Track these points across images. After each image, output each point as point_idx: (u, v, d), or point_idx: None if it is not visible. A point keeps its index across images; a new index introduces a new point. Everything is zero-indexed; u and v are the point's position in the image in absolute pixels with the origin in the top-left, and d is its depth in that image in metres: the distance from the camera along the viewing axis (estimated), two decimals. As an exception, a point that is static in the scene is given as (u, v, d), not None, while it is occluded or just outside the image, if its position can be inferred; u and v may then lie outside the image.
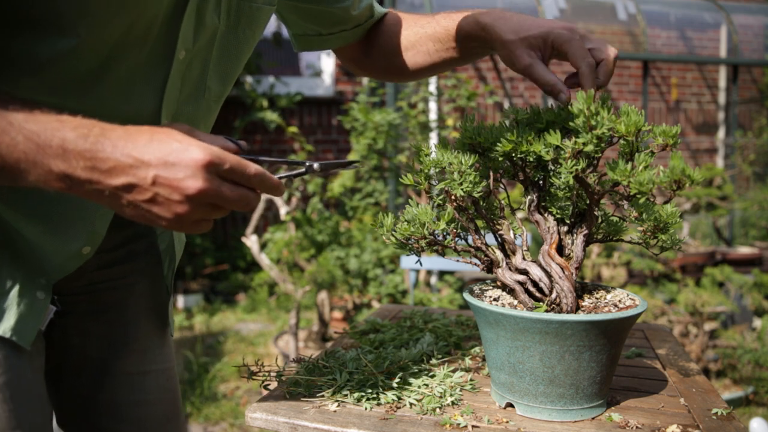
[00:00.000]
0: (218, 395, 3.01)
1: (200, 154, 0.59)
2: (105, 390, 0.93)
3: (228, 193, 0.61)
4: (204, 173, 0.59)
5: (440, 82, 4.08)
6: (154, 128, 0.62)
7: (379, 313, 1.33)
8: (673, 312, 3.11)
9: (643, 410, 0.81)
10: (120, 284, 0.93)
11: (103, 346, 0.93)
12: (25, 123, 0.57)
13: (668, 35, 6.14)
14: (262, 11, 0.86)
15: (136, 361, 0.95)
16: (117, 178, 0.59)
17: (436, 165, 0.82)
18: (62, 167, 0.58)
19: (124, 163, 0.58)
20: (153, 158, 0.58)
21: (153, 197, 0.60)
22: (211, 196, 0.60)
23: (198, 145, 0.60)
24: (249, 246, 3.55)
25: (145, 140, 0.59)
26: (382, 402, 0.82)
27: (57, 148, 0.57)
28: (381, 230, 0.86)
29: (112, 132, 0.59)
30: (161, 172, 0.58)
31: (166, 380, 0.99)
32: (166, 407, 0.99)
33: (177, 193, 0.59)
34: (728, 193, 4.25)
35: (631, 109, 0.73)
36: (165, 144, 0.59)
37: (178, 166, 0.59)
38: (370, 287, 3.63)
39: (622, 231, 0.85)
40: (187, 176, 0.59)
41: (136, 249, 0.94)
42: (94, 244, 0.81)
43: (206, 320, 4.38)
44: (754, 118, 6.35)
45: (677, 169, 0.71)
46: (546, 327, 0.73)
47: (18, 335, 0.73)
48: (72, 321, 0.90)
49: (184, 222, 0.62)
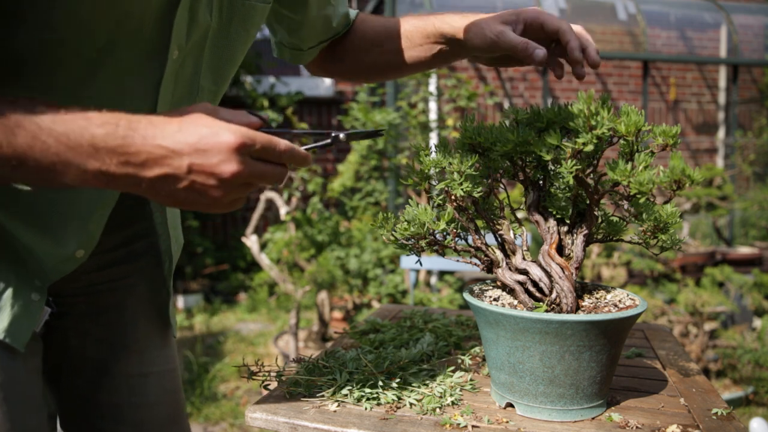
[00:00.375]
0: (218, 395, 3.01)
1: (231, 137, 0.60)
2: (104, 391, 0.92)
3: (260, 171, 0.63)
4: (237, 156, 0.60)
5: (440, 82, 4.08)
6: (180, 114, 0.62)
7: (379, 313, 1.33)
8: (673, 312, 3.11)
9: (643, 410, 0.81)
10: (119, 285, 0.93)
11: (102, 347, 0.92)
12: (53, 125, 0.57)
13: (668, 35, 6.14)
14: (257, 9, 0.85)
15: (136, 363, 0.94)
16: (152, 170, 0.59)
17: (436, 165, 0.82)
18: (96, 165, 0.58)
19: (157, 154, 0.59)
20: (185, 146, 0.59)
21: (190, 185, 0.61)
22: (245, 177, 0.61)
23: (228, 128, 0.60)
24: (249, 246, 3.55)
25: (173, 129, 0.60)
26: (382, 402, 0.82)
27: (88, 147, 0.58)
28: (381, 230, 0.86)
29: (139, 123, 0.59)
30: (195, 160, 0.59)
31: (168, 382, 0.98)
32: (168, 409, 0.98)
33: (213, 178, 0.60)
34: (728, 193, 4.25)
35: (631, 109, 0.73)
36: (194, 130, 0.60)
37: (211, 152, 0.59)
38: (370, 287, 3.63)
39: (622, 231, 0.85)
40: (221, 161, 0.60)
41: (135, 250, 0.94)
42: (88, 247, 0.80)
43: (206, 320, 4.38)
44: (754, 118, 6.35)
45: (677, 169, 0.71)
46: (546, 327, 0.73)
47: (11, 337, 0.73)
48: (71, 322, 0.89)
49: (220, 204, 0.63)
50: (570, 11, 5.33)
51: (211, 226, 5.56)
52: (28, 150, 0.57)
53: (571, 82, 6.18)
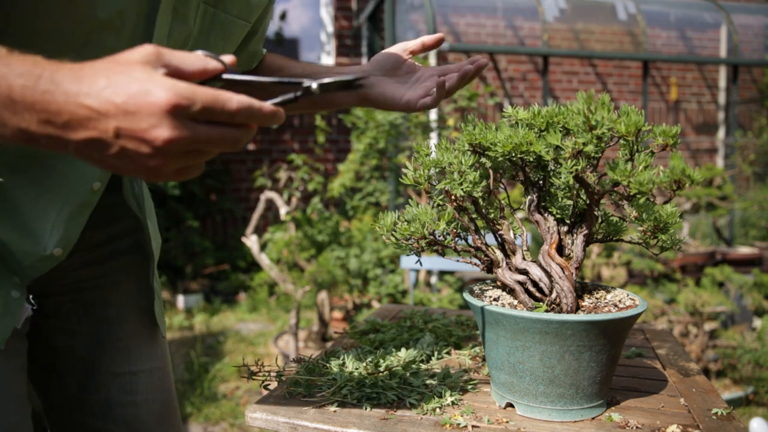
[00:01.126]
0: (218, 395, 3.01)
1: (164, 96, 0.49)
2: (92, 390, 0.92)
3: (206, 136, 0.52)
4: (171, 119, 0.50)
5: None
6: (114, 63, 0.52)
7: (379, 313, 1.33)
8: (673, 312, 3.11)
9: (643, 410, 0.81)
10: (104, 282, 0.93)
11: (89, 345, 0.92)
12: None
13: (668, 35, 6.14)
14: (236, 24, 0.84)
15: (124, 361, 0.94)
16: (76, 132, 0.51)
17: (436, 165, 0.82)
18: (15, 121, 0.51)
19: (81, 115, 0.50)
20: (111, 107, 0.49)
21: (121, 151, 0.51)
22: (184, 143, 0.51)
23: (162, 85, 0.50)
24: (249, 246, 3.55)
25: (101, 84, 0.50)
26: (382, 402, 0.82)
27: (5, 98, 0.50)
28: (381, 230, 0.86)
29: (63, 76, 0.50)
30: (122, 123, 0.50)
31: (157, 380, 0.98)
32: (158, 407, 0.98)
33: (145, 145, 0.50)
34: (728, 193, 4.25)
35: (631, 109, 0.73)
36: (123, 86, 0.50)
37: (140, 115, 0.49)
38: (370, 287, 3.63)
39: (622, 231, 0.85)
40: (151, 125, 0.50)
41: (119, 247, 0.94)
42: (67, 246, 0.80)
43: (206, 320, 4.38)
44: (754, 118, 6.35)
45: (677, 169, 0.71)
46: (546, 327, 0.73)
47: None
48: (57, 322, 0.89)
49: (162, 173, 0.54)
50: (570, 11, 5.33)
51: (211, 226, 5.56)
52: None
53: (571, 82, 6.19)
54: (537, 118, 0.79)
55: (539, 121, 0.79)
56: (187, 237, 5.08)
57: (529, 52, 5.16)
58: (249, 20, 0.86)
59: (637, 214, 0.77)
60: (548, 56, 4.63)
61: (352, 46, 5.90)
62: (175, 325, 4.21)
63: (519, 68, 6.03)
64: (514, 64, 6.01)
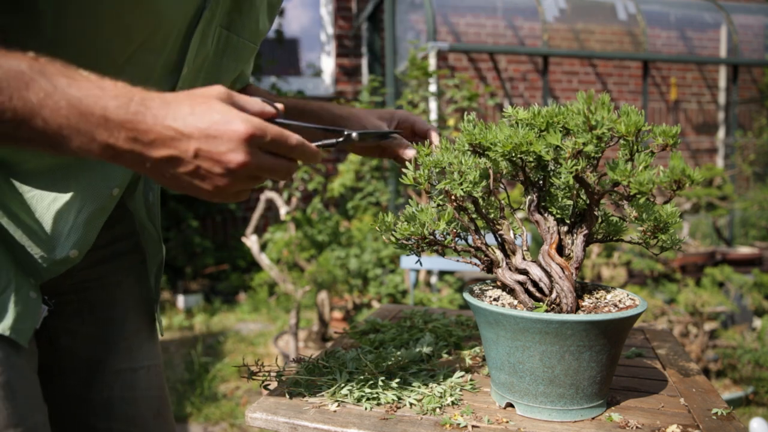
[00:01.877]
0: (218, 395, 3.01)
1: (242, 126, 0.59)
2: (95, 388, 0.93)
3: (268, 164, 0.62)
4: (246, 147, 0.59)
5: (441, 83, 4.08)
6: (194, 96, 0.61)
7: (379, 313, 1.33)
8: (673, 312, 3.10)
9: (643, 410, 0.81)
10: (108, 282, 0.94)
11: (93, 345, 0.93)
12: (68, 88, 0.57)
13: (668, 35, 6.14)
14: (247, 47, 0.89)
15: (125, 359, 0.96)
16: (159, 150, 0.59)
17: (436, 165, 0.82)
18: (104, 137, 0.57)
19: (166, 135, 0.58)
20: (195, 131, 0.58)
21: (195, 170, 0.60)
22: (252, 168, 0.61)
23: (240, 117, 0.59)
24: (249, 246, 3.55)
25: (186, 111, 0.59)
26: (382, 402, 0.82)
27: (99, 117, 0.57)
28: (381, 230, 0.86)
29: (153, 101, 0.59)
30: (203, 145, 0.59)
31: (154, 377, 1.00)
32: (155, 403, 1.00)
33: (219, 166, 0.59)
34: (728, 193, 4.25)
35: (631, 109, 0.73)
36: (206, 115, 0.59)
37: (220, 140, 0.59)
38: (370, 287, 3.63)
39: (622, 231, 0.85)
40: (229, 150, 0.59)
41: (121, 248, 0.96)
42: (83, 249, 0.81)
43: (206, 320, 4.38)
44: (754, 118, 6.35)
45: (677, 169, 0.71)
46: (546, 327, 0.73)
47: (17, 333, 0.74)
48: (60, 322, 0.90)
49: (224, 194, 0.63)
50: (570, 11, 5.33)
51: (211, 226, 5.56)
52: (38, 107, 0.56)
53: (571, 82, 6.19)
54: (537, 118, 0.79)
55: (539, 121, 0.79)
56: (187, 237, 5.08)
57: (529, 52, 5.16)
58: (256, 43, 0.90)
59: (637, 214, 0.77)
60: (548, 56, 4.63)
61: (351, 47, 5.90)
62: (175, 325, 4.21)
63: (519, 68, 6.03)
64: (514, 64, 6.01)
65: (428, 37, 4.14)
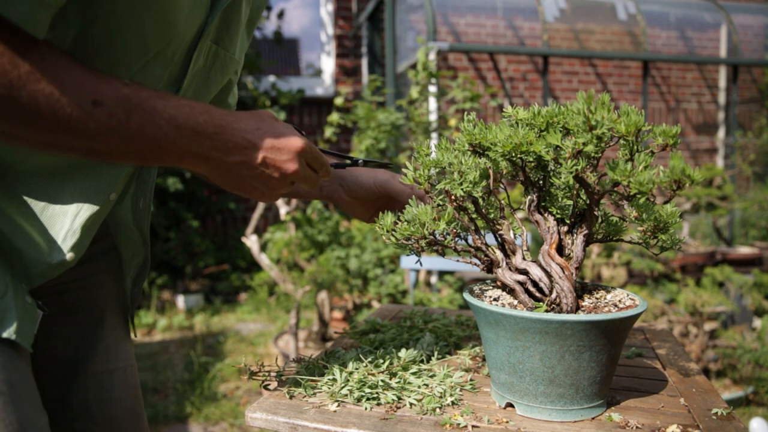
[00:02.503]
0: (218, 395, 3.01)
1: (299, 142, 0.75)
2: (74, 391, 0.93)
3: (308, 174, 0.79)
4: (299, 158, 0.76)
5: (442, 83, 4.08)
6: (255, 116, 0.75)
7: (379, 313, 1.33)
8: (673, 312, 3.10)
9: (643, 410, 0.81)
10: (88, 283, 0.94)
11: (73, 347, 0.93)
12: (165, 109, 0.67)
13: (668, 35, 6.14)
14: (232, 61, 0.93)
15: (103, 360, 0.96)
16: (234, 156, 0.72)
17: (436, 165, 0.82)
18: (194, 147, 0.69)
19: (242, 144, 0.72)
20: (264, 142, 0.73)
21: (259, 173, 0.74)
22: (299, 176, 0.76)
23: (296, 135, 0.76)
24: (249, 246, 3.55)
25: (254, 126, 0.73)
26: (382, 402, 0.82)
27: (190, 131, 0.68)
28: (381, 230, 0.86)
29: (228, 117, 0.72)
30: (269, 155, 0.74)
31: (130, 377, 1.00)
32: (132, 403, 1.00)
33: (278, 171, 0.75)
34: (728, 193, 4.25)
35: (631, 109, 0.73)
36: (271, 131, 0.74)
37: (283, 151, 0.74)
38: (370, 287, 3.63)
39: (622, 231, 0.85)
40: (288, 159, 0.75)
41: (99, 249, 0.95)
42: (79, 253, 0.81)
43: (206, 320, 4.38)
44: (754, 118, 6.35)
45: (677, 169, 0.71)
46: (546, 327, 0.73)
47: (22, 337, 0.73)
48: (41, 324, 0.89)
49: (273, 193, 0.78)
50: (570, 11, 5.33)
51: (211, 226, 5.56)
52: (143, 128, 0.66)
53: (571, 82, 6.19)
54: (537, 118, 0.79)
55: (539, 121, 0.79)
56: (187, 237, 5.08)
57: (529, 52, 5.16)
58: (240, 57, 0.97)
59: (637, 214, 0.77)
60: (548, 56, 4.63)
61: (351, 47, 5.90)
62: (175, 325, 4.21)
63: (519, 68, 6.04)
64: (514, 64, 6.01)
65: (428, 37, 4.14)
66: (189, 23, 0.78)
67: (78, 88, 0.62)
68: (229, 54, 0.91)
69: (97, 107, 0.63)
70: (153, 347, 3.78)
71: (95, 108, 0.63)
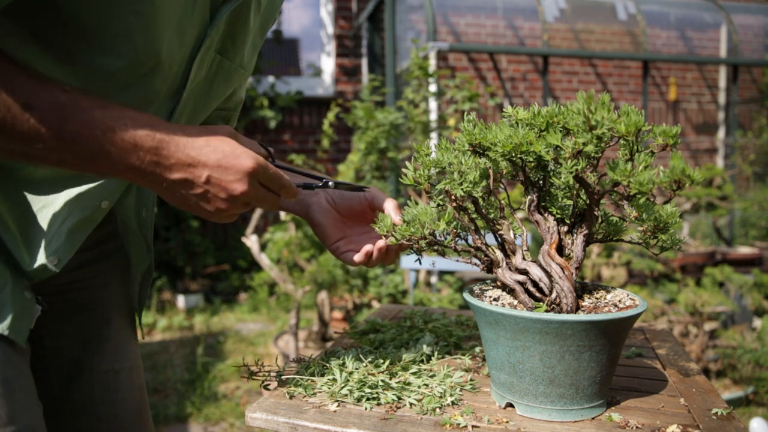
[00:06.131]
0: (218, 395, 3.01)
1: (249, 162, 0.70)
2: (80, 390, 0.93)
3: (262, 196, 0.74)
4: (249, 179, 0.71)
5: (442, 83, 4.08)
6: (208, 131, 0.71)
7: (379, 313, 1.33)
8: (673, 312, 3.11)
9: (643, 410, 0.81)
10: (94, 283, 0.95)
11: (77, 345, 0.93)
12: (102, 119, 0.64)
13: (668, 35, 6.14)
14: (237, 73, 0.92)
15: (110, 359, 0.96)
16: (175, 173, 0.68)
17: (436, 165, 0.82)
18: (132, 160, 0.66)
19: (184, 161, 0.68)
20: (209, 160, 0.69)
21: (203, 193, 0.70)
22: (249, 197, 0.72)
23: (247, 154, 0.71)
24: (249, 246, 3.55)
25: (202, 142, 0.69)
26: (382, 402, 0.82)
27: (129, 144, 0.65)
28: (381, 230, 0.86)
29: (175, 132, 0.68)
30: (214, 174, 0.69)
31: (135, 378, 1.01)
32: (137, 403, 1.00)
33: (224, 192, 0.70)
34: (728, 193, 4.25)
35: (631, 109, 0.73)
36: (220, 148, 0.69)
37: (230, 170, 0.69)
38: (370, 287, 3.63)
39: (622, 231, 0.85)
40: (236, 180, 0.70)
41: (106, 249, 0.96)
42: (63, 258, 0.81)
43: (206, 320, 4.38)
44: (754, 118, 6.35)
45: (677, 169, 0.71)
46: (546, 327, 0.73)
47: (15, 333, 0.74)
48: (46, 322, 0.90)
49: (222, 215, 0.73)
50: (570, 11, 5.33)
51: (211, 226, 5.56)
52: (76, 136, 0.63)
53: (571, 82, 6.19)
54: (537, 118, 0.79)
55: (539, 121, 0.79)
56: (187, 237, 5.08)
57: (529, 52, 5.16)
58: (247, 69, 0.95)
59: (637, 214, 0.77)
60: (548, 56, 4.63)
61: (351, 47, 5.90)
62: (175, 325, 4.21)
63: (519, 68, 6.03)
64: (514, 64, 6.01)
65: (428, 37, 4.14)
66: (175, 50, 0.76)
67: (11, 91, 0.61)
68: (234, 65, 0.90)
69: (27, 111, 0.61)
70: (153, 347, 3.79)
71: (25, 111, 0.61)
